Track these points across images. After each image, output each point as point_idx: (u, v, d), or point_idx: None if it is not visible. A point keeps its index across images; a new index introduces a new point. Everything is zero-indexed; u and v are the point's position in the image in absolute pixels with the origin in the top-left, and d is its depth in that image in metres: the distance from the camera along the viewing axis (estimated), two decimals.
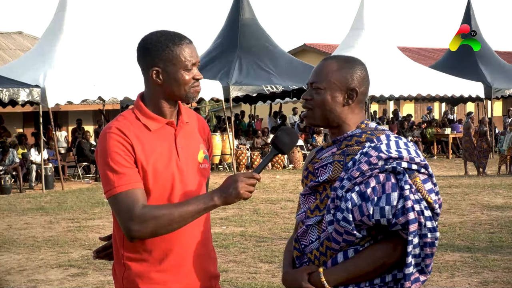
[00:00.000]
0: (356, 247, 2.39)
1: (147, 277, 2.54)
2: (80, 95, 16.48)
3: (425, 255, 2.35)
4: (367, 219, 2.32)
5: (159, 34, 2.54)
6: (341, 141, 2.49)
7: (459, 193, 13.63)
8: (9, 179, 16.04)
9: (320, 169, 2.50)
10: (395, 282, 2.40)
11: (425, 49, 39.13)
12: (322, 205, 2.45)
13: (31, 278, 7.36)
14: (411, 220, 2.30)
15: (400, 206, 2.31)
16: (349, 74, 2.49)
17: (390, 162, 2.36)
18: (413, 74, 22.15)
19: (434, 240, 2.35)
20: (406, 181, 2.33)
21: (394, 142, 2.43)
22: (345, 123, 2.50)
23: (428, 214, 2.34)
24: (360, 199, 2.33)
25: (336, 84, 2.48)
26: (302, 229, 2.51)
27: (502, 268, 7.24)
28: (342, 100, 2.49)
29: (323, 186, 2.48)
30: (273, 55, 20.48)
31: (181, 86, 2.53)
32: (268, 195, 13.99)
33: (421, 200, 2.34)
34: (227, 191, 2.43)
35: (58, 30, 17.53)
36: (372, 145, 2.42)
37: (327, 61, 2.54)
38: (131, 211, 2.41)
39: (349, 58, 2.57)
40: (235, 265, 7.64)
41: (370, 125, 2.52)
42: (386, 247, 2.37)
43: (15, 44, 28.75)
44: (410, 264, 2.33)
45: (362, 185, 2.35)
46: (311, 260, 2.46)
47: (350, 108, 2.50)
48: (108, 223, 10.72)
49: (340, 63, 2.52)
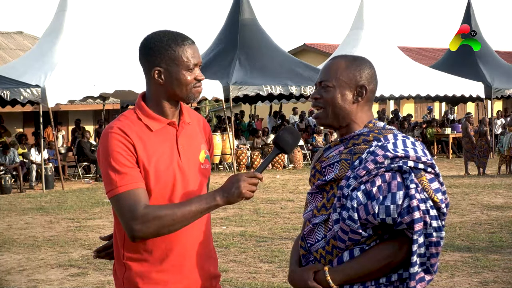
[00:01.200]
0: (362, 246, 2.39)
1: (147, 277, 2.54)
2: (80, 95, 16.48)
3: (431, 254, 2.35)
4: (373, 218, 2.32)
5: (162, 34, 2.54)
6: (349, 140, 2.49)
7: (459, 193, 13.63)
8: (9, 179, 16.04)
9: (327, 167, 2.50)
10: (401, 281, 2.40)
11: (425, 49, 39.11)
12: (329, 203, 2.45)
13: (31, 278, 7.36)
14: (417, 219, 2.30)
15: (405, 205, 2.31)
16: (358, 72, 2.50)
17: (396, 161, 2.36)
18: (413, 74, 22.15)
19: (439, 240, 2.35)
20: (412, 180, 2.33)
21: (401, 141, 2.43)
22: (354, 122, 2.50)
23: (433, 213, 2.34)
24: (365, 197, 2.33)
25: (346, 82, 2.48)
26: (308, 227, 2.51)
27: (502, 268, 7.24)
28: (351, 98, 2.49)
29: (330, 185, 2.47)
30: (273, 55, 20.47)
31: (183, 87, 2.53)
32: (269, 195, 13.99)
33: (427, 200, 2.34)
34: (229, 190, 2.43)
35: (58, 30, 17.53)
36: (379, 144, 2.41)
37: (335, 60, 2.55)
38: (134, 211, 2.41)
39: (357, 56, 2.58)
40: (235, 265, 7.64)
41: (378, 124, 2.52)
42: (392, 246, 2.37)
43: (15, 44, 28.75)
44: (415, 264, 2.33)
45: (367, 184, 2.35)
46: (317, 259, 2.46)
47: (360, 106, 2.50)
48: (108, 223, 10.72)
49: (348, 61, 2.52)
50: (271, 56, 20.34)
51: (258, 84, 19.10)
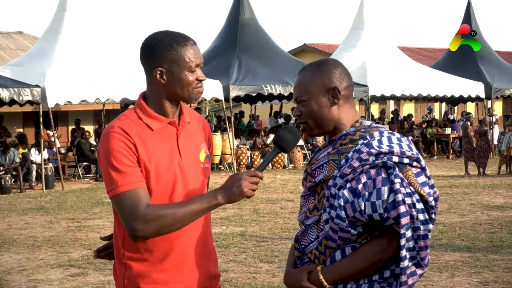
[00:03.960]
0: (354, 245, 2.41)
1: (148, 277, 2.54)
2: (80, 95, 16.48)
3: (419, 248, 2.36)
4: (360, 215, 2.34)
5: (164, 35, 2.53)
6: (336, 141, 2.51)
7: (459, 193, 13.63)
8: (9, 179, 16.04)
9: (317, 169, 2.53)
10: (394, 277, 2.41)
11: (425, 49, 39.12)
12: (320, 204, 2.48)
13: (31, 278, 7.35)
14: (402, 214, 2.31)
15: (391, 200, 2.32)
16: (325, 76, 2.52)
17: (380, 157, 2.38)
18: (413, 74, 22.14)
19: (427, 233, 2.35)
20: (396, 175, 2.34)
21: (386, 137, 2.46)
22: (340, 123, 2.53)
23: (420, 206, 2.34)
24: (352, 195, 2.35)
25: (317, 90, 2.51)
26: (302, 229, 2.53)
27: (502, 268, 7.24)
28: (328, 103, 2.51)
29: (321, 186, 2.50)
30: (273, 55, 20.47)
31: (185, 87, 2.53)
32: (269, 195, 13.99)
33: (413, 193, 2.35)
34: (230, 189, 2.44)
35: (58, 30, 17.53)
36: (364, 142, 2.43)
37: (301, 73, 2.58)
38: (135, 210, 2.41)
39: (320, 62, 2.60)
40: (235, 265, 7.64)
41: (365, 123, 2.54)
42: (381, 242, 2.38)
43: (15, 44, 28.75)
44: (405, 258, 2.34)
45: (353, 182, 2.37)
46: (311, 259, 2.48)
47: (340, 107, 2.53)
48: (108, 223, 10.72)
49: (312, 69, 2.55)
50: (271, 56, 20.33)
51: (258, 84, 19.09)
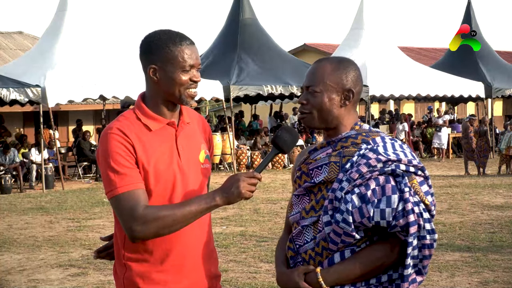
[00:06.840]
0: (353, 248, 2.40)
1: (148, 277, 2.53)
2: (81, 95, 16.48)
3: (423, 256, 2.37)
4: (367, 221, 2.33)
5: (162, 33, 2.54)
6: (336, 142, 2.50)
7: (459, 193, 13.63)
8: (9, 179, 16.05)
9: (315, 170, 2.50)
10: (390, 282, 2.42)
11: (425, 49, 39.10)
12: (318, 206, 2.46)
13: (31, 278, 7.36)
14: (412, 222, 2.31)
15: (400, 208, 2.32)
16: (344, 75, 2.50)
17: (389, 165, 2.37)
18: (413, 73, 22.15)
19: (433, 242, 2.36)
20: (405, 183, 2.35)
21: (390, 144, 2.46)
22: (342, 124, 2.52)
23: (426, 216, 2.35)
24: (360, 201, 2.34)
25: (332, 86, 2.49)
26: (297, 229, 2.51)
27: (502, 268, 7.24)
28: (339, 102, 2.50)
29: (319, 187, 2.48)
30: (273, 55, 20.47)
31: (176, 87, 2.52)
32: (269, 194, 13.99)
33: (420, 202, 2.36)
34: (229, 191, 2.43)
35: (58, 30, 17.53)
36: (368, 147, 2.43)
37: (321, 63, 2.54)
38: (134, 211, 2.40)
39: (342, 59, 2.58)
40: (236, 265, 7.64)
41: (364, 126, 2.55)
42: (384, 248, 2.38)
43: (15, 44, 28.74)
44: (408, 266, 2.35)
45: (362, 187, 2.35)
46: (306, 260, 2.47)
47: (347, 109, 2.52)
48: (108, 223, 10.72)
49: (334, 64, 2.52)
50: (271, 56, 20.33)
51: (258, 84, 19.10)
